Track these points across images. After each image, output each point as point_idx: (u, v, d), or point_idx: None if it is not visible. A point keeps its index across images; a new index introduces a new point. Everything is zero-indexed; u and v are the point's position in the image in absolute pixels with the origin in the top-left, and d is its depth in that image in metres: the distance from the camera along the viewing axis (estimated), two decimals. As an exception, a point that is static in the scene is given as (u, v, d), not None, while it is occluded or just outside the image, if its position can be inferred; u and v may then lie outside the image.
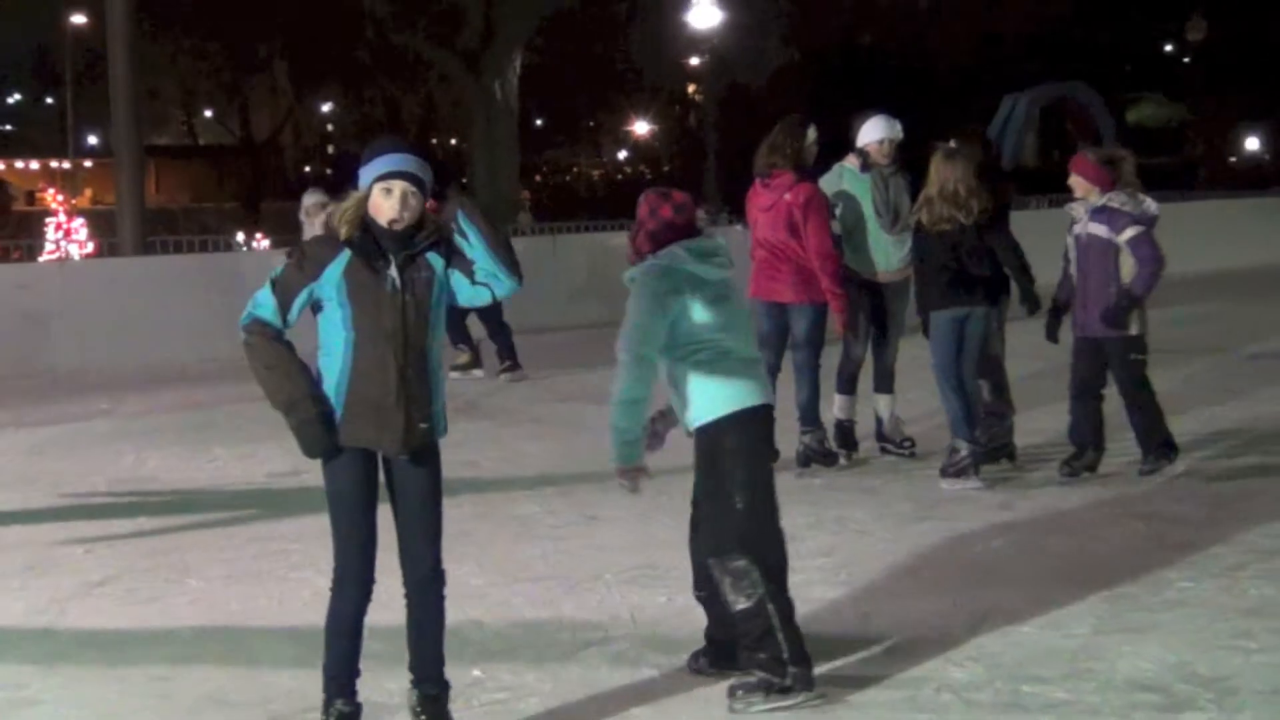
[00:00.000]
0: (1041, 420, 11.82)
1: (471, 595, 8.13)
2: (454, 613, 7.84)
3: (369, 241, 5.50)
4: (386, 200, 5.46)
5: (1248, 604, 7.70)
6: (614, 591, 8.16)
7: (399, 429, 5.54)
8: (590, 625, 7.57)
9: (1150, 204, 10.17)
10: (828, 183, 11.27)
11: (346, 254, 5.52)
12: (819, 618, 7.40)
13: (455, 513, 10.05)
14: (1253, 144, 58.67)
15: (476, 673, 6.95)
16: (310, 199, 16.42)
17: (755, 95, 47.13)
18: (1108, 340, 10.20)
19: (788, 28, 38.73)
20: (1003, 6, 47.77)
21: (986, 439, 10.80)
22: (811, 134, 11.02)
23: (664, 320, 6.41)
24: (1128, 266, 10.07)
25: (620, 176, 72.14)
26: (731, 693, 6.32)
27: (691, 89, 59.25)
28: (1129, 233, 10.03)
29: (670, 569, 7.09)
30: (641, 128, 72.80)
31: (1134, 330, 10.14)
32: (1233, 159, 60.07)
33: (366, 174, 5.55)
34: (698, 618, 6.78)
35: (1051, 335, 10.70)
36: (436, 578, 5.86)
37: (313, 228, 13.71)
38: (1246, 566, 8.34)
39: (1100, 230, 10.11)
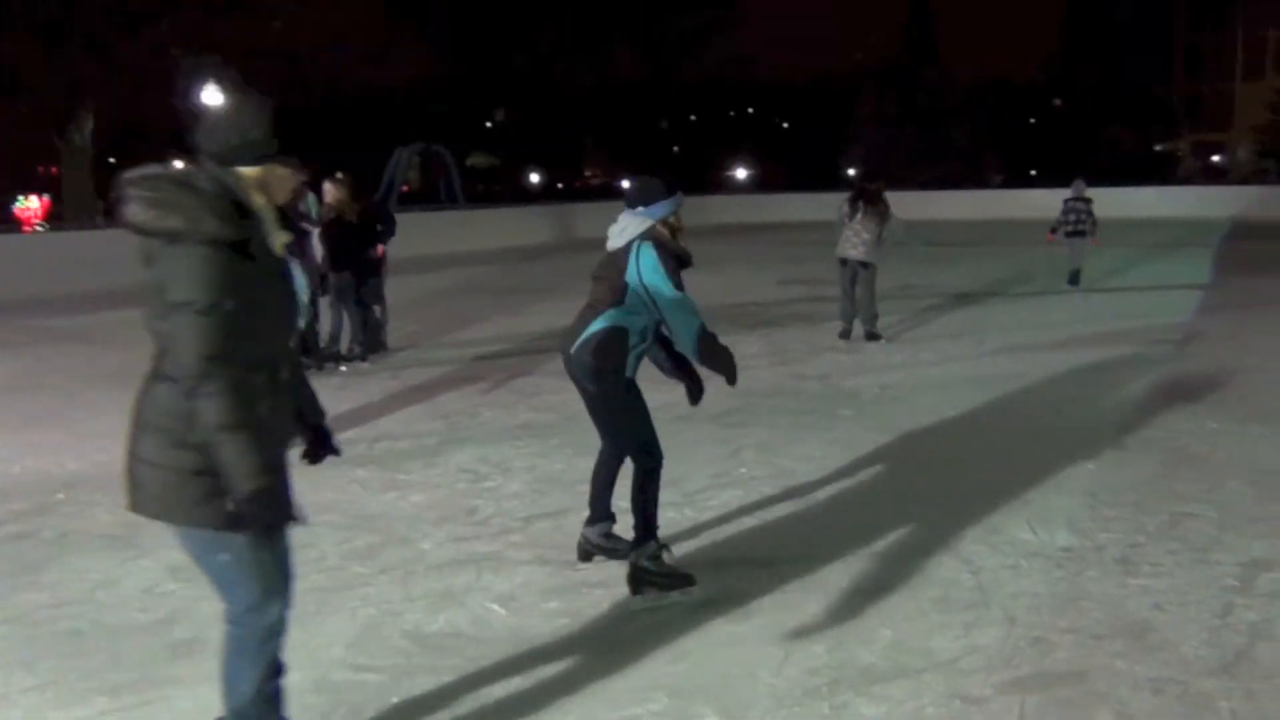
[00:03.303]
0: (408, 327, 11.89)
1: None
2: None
3: None
4: (675, 223, 4.59)
5: (518, 421, 7.93)
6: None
7: None
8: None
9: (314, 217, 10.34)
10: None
11: None
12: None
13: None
14: (534, 178, 60.35)
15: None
16: None
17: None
18: None
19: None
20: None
21: (369, 340, 10.70)
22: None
23: None
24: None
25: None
26: None
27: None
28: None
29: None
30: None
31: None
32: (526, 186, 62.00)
33: (664, 208, 4.55)
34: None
35: None
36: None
37: None
38: (519, 403, 8.61)
39: None
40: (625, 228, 4.63)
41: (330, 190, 10.57)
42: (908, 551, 5.05)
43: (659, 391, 4.90)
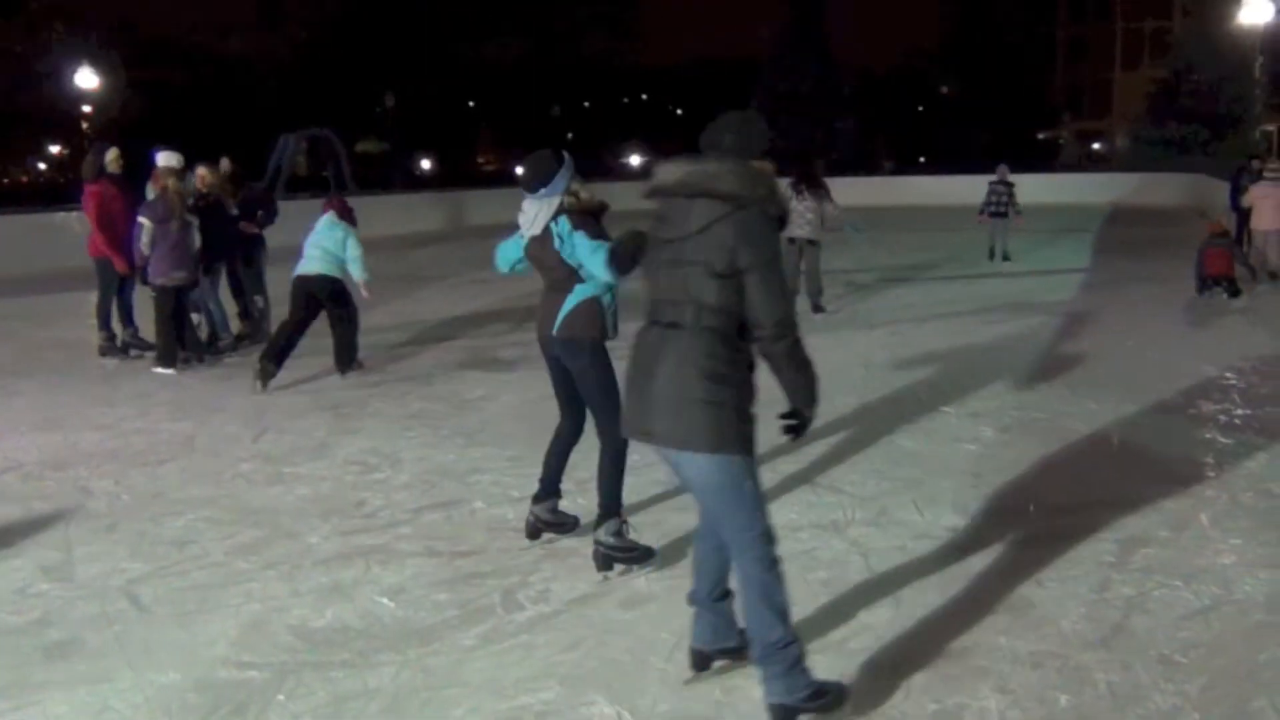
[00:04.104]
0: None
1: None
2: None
3: None
4: (576, 188, 4.67)
5: (409, 412, 7.83)
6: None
7: None
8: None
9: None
10: None
11: None
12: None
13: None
14: (426, 164, 59.40)
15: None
16: None
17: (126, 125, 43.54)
18: None
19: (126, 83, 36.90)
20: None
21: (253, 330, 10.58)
22: (110, 154, 10.12)
23: None
24: None
25: (40, 180, 65.17)
26: None
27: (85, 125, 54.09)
28: None
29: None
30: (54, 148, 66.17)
31: None
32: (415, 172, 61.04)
33: (563, 180, 4.59)
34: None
35: None
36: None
37: None
38: (410, 393, 8.47)
39: None
40: (535, 215, 4.64)
41: (202, 174, 10.23)
42: (798, 534, 5.13)
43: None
